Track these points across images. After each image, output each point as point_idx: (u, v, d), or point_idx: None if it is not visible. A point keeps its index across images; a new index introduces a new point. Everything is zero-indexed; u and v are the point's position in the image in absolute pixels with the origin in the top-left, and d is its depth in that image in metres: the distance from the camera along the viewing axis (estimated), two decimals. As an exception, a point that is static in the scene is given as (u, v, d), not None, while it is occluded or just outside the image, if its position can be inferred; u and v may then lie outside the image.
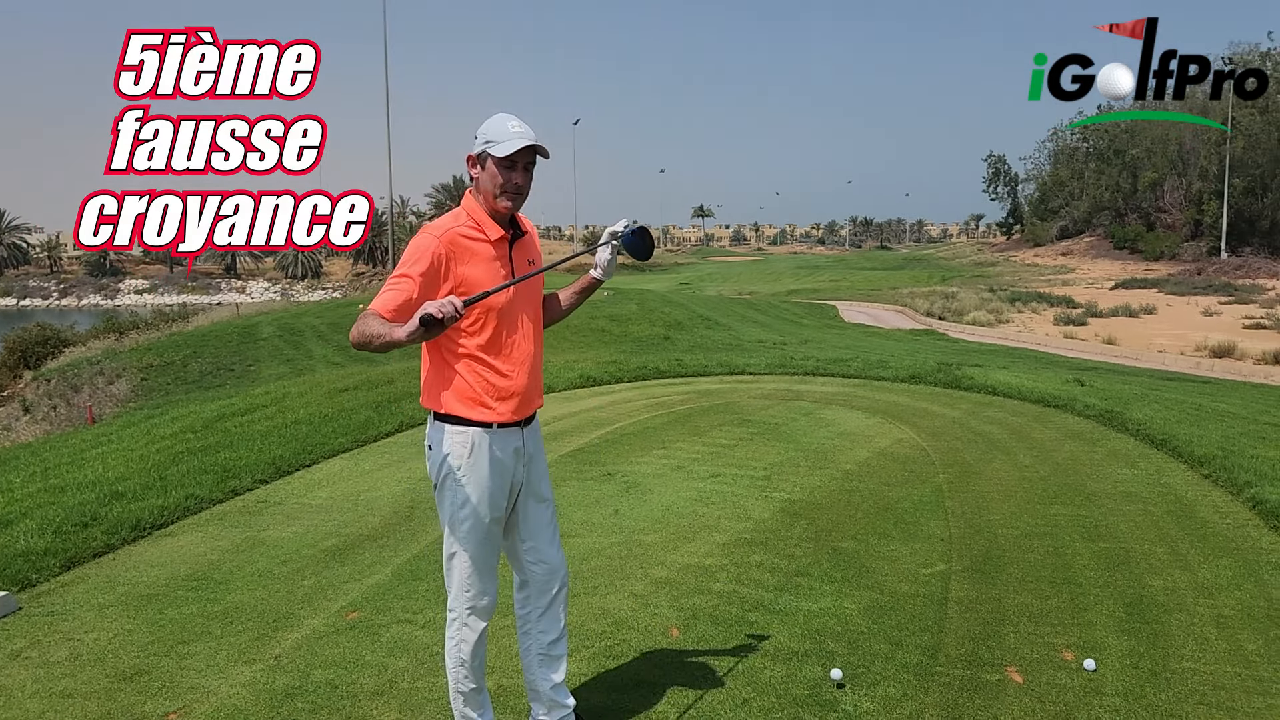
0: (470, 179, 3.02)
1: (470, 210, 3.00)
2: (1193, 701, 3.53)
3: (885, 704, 3.52)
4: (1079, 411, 9.09)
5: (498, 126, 2.91)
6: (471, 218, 2.98)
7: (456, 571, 3.07)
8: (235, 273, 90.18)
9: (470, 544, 3.03)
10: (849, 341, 21.47)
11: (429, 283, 2.85)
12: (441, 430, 3.01)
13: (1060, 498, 6.14)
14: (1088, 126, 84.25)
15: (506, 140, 2.88)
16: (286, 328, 26.33)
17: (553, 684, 3.24)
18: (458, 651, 3.10)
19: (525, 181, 2.96)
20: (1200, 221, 63.66)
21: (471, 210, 3.00)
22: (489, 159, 2.91)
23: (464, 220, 2.98)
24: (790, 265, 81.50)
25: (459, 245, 2.92)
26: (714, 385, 10.85)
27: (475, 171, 2.97)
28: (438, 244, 2.88)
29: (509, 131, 2.89)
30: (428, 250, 2.86)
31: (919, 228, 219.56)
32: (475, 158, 2.95)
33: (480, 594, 3.08)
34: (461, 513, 3.01)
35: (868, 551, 5.16)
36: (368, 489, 6.60)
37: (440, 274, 2.87)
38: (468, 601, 3.07)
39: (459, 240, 2.93)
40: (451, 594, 3.10)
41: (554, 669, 3.24)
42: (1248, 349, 21.99)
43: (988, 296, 39.66)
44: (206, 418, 9.78)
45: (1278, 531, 5.40)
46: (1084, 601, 4.47)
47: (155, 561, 5.26)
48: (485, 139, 2.91)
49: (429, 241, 2.89)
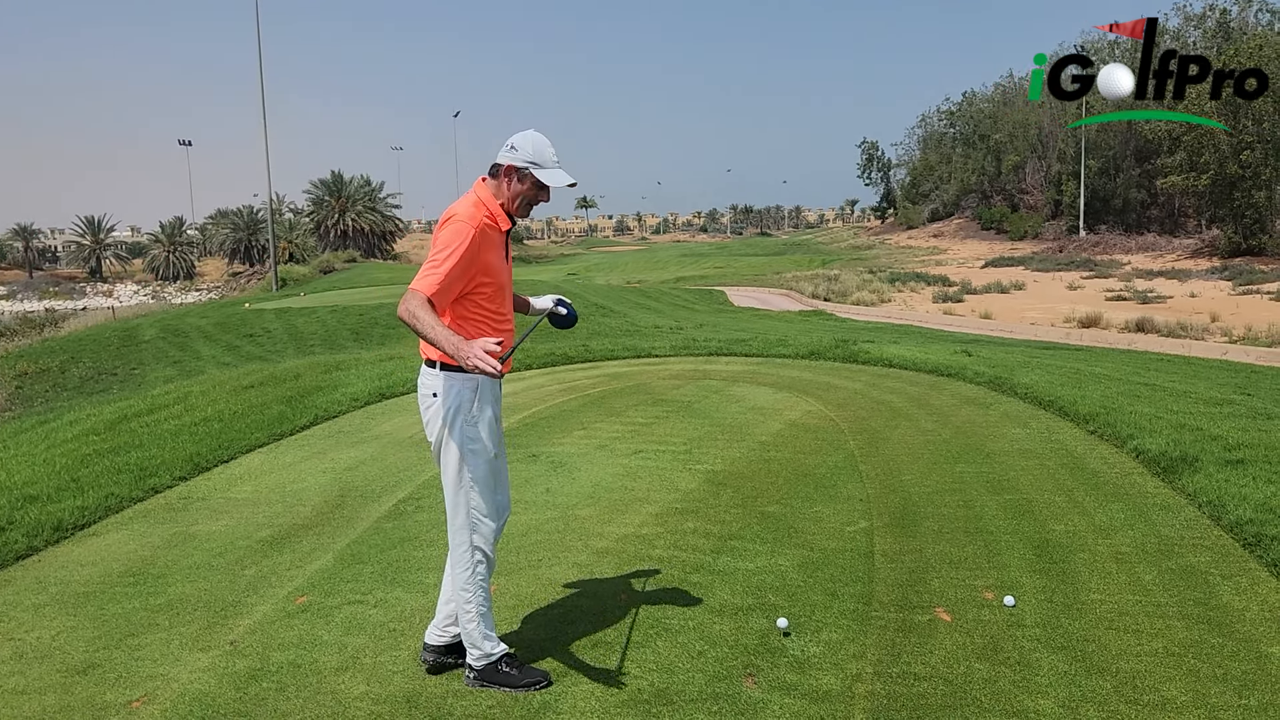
0: (493, 174, 3.41)
1: (488, 202, 3.40)
2: (1103, 627, 3.89)
3: (830, 647, 3.77)
4: (970, 379, 9.60)
5: (542, 150, 3.36)
6: (490, 210, 3.39)
7: (473, 502, 3.46)
8: (101, 276, 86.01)
9: (481, 473, 3.45)
10: (743, 324, 21.96)
11: (465, 266, 3.26)
12: (451, 379, 3.39)
13: (964, 457, 6.54)
14: (952, 114, 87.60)
15: (552, 169, 3.37)
16: (170, 329, 25.39)
17: None
18: (478, 576, 3.47)
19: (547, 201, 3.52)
20: (1060, 201, 66.95)
21: (489, 202, 3.40)
22: (530, 178, 3.37)
23: (484, 212, 3.37)
24: (675, 253, 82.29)
25: (485, 235, 3.33)
26: (623, 368, 11.04)
27: (507, 179, 3.39)
28: (475, 233, 3.27)
29: (551, 159, 3.37)
30: (467, 238, 3.25)
31: (797, 214, 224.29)
32: (516, 169, 3.36)
33: (494, 515, 3.53)
34: (474, 446, 3.43)
35: (793, 514, 5.43)
36: (293, 481, 6.56)
37: (474, 259, 3.29)
38: (486, 526, 3.49)
39: (486, 230, 3.34)
40: (466, 528, 3.47)
41: None
42: (1112, 319, 23.39)
43: (868, 278, 40.97)
44: (108, 419, 9.47)
45: (1160, 477, 5.90)
46: (996, 547, 4.82)
47: (84, 561, 5.16)
48: (530, 159, 3.35)
49: (467, 230, 3.26)
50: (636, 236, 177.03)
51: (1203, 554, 4.63)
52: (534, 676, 3.51)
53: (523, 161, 3.34)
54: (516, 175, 3.37)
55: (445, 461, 3.47)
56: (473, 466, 3.44)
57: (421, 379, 3.52)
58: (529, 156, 3.34)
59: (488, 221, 3.35)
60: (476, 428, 3.42)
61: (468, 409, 3.40)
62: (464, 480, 3.45)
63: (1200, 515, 5.17)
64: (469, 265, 3.27)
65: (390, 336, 23.26)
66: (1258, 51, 41.42)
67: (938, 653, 3.71)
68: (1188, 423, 7.07)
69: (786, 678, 3.53)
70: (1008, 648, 3.73)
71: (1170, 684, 3.42)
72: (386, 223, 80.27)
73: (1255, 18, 51.39)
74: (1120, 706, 3.27)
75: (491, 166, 3.45)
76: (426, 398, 3.46)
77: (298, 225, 76.89)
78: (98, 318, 32.50)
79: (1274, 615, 3.93)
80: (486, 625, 3.53)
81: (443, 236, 3.29)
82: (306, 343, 22.71)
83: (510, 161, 3.36)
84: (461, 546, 3.50)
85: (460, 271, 3.24)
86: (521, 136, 3.38)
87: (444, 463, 3.48)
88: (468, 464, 3.44)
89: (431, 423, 3.47)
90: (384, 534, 5.32)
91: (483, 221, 3.32)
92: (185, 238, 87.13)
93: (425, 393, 3.47)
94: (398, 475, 6.54)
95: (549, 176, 3.36)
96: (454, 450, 3.43)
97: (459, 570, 3.51)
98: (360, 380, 10.25)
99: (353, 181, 78.43)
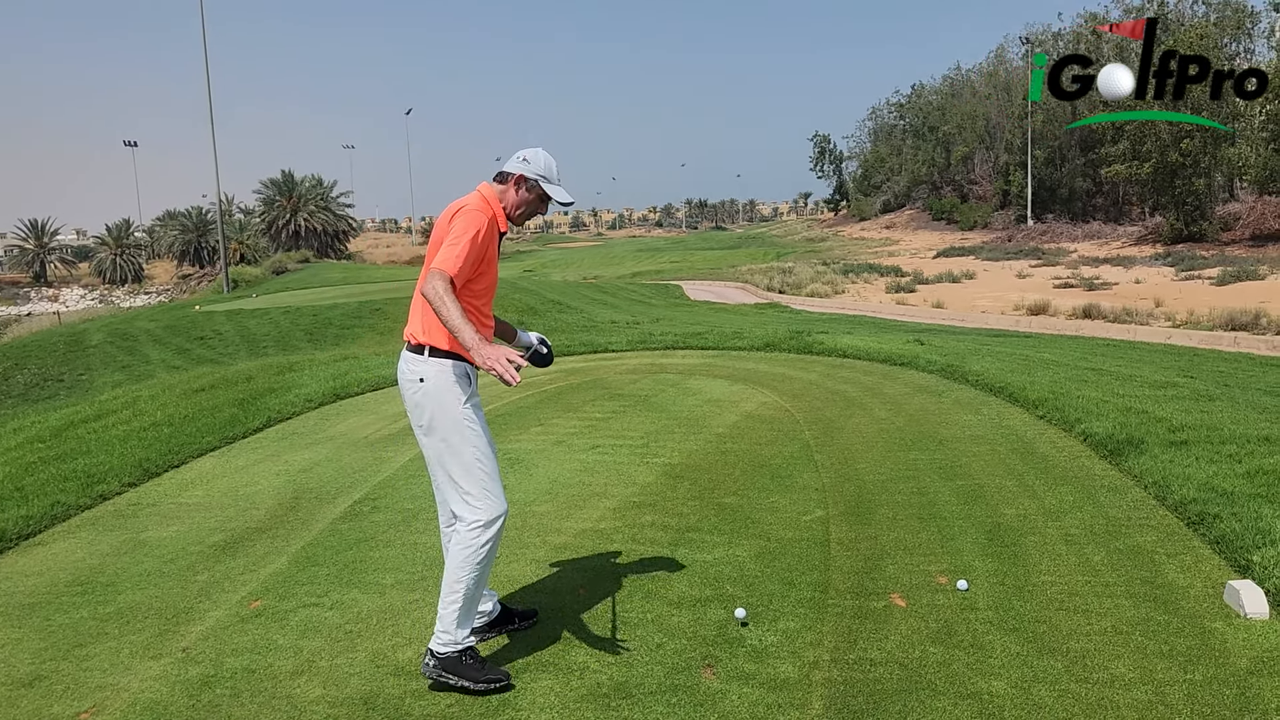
0: (500, 180, 3.62)
1: (493, 202, 3.60)
2: (1054, 608, 3.96)
3: (787, 636, 3.80)
4: (922, 368, 9.71)
5: (551, 167, 3.62)
6: (495, 210, 3.58)
7: (476, 479, 3.49)
8: (46, 280, 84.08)
9: (481, 447, 3.51)
10: (699, 318, 22.02)
11: (480, 252, 3.44)
12: (441, 364, 3.49)
13: (917, 444, 6.62)
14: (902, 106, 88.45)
15: (557, 186, 3.63)
16: (118, 333, 24.90)
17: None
18: (475, 558, 3.46)
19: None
20: (1008, 192, 67.76)
21: (494, 202, 3.60)
22: (538, 190, 3.61)
23: (490, 212, 3.55)
24: (631, 249, 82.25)
25: (493, 229, 3.54)
26: (579, 364, 11.02)
27: (515, 186, 3.60)
28: (490, 224, 3.50)
29: (556, 175, 3.64)
30: (482, 225, 3.44)
31: (751, 207, 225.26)
32: (525, 179, 3.59)
33: (499, 492, 3.55)
34: (472, 426, 3.51)
35: (750, 505, 5.46)
36: (246, 484, 6.47)
37: (486, 247, 3.48)
38: (493, 499, 3.50)
39: (494, 225, 3.54)
40: (474, 503, 3.48)
41: None
42: (1060, 306, 23.75)
43: (822, 270, 41.22)
44: (53, 426, 9.27)
45: (1107, 460, 6.01)
46: (949, 532, 4.89)
47: (29, 571, 5.05)
48: (540, 173, 3.59)
49: (484, 220, 3.47)
50: (592, 232, 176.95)
51: (1149, 534, 4.73)
52: (495, 676, 3.48)
53: (534, 174, 3.58)
54: (525, 185, 3.59)
55: (443, 444, 3.50)
56: (475, 443, 3.50)
57: (406, 364, 3.58)
58: (540, 170, 3.59)
59: (495, 219, 3.55)
60: (471, 408, 3.52)
61: (460, 392, 3.49)
62: (466, 457, 3.48)
63: (1146, 496, 5.28)
64: (482, 251, 3.45)
65: (345, 337, 23.04)
66: (1198, 42, 42.25)
67: (893, 638, 3.75)
68: (1133, 406, 7.22)
69: (745, 667, 3.56)
70: (961, 631, 3.78)
71: (1118, 661, 3.49)
72: (339, 222, 79.49)
73: (1192, 9, 52.40)
74: (1071, 685, 3.34)
75: (499, 173, 3.64)
76: (412, 383, 3.54)
77: (248, 226, 75.84)
78: (43, 323, 31.80)
79: (1216, 591, 4.03)
80: (469, 609, 3.51)
81: (458, 223, 3.44)
82: (259, 344, 22.40)
83: (522, 171, 3.58)
84: (475, 525, 3.46)
85: (477, 255, 3.41)
86: (533, 151, 3.61)
87: (440, 447, 3.51)
88: (470, 441, 3.49)
89: (420, 407, 3.52)
90: (340, 535, 5.27)
91: (494, 218, 3.54)
92: (133, 240, 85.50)
93: (411, 378, 3.54)
94: (353, 476, 6.48)
95: (555, 192, 3.61)
96: (452, 430, 3.48)
97: (461, 548, 3.46)
98: (314, 381, 10.13)
99: (304, 181, 77.55)
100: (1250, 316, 18.55)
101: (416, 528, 5.28)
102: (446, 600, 3.49)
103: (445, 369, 3.48)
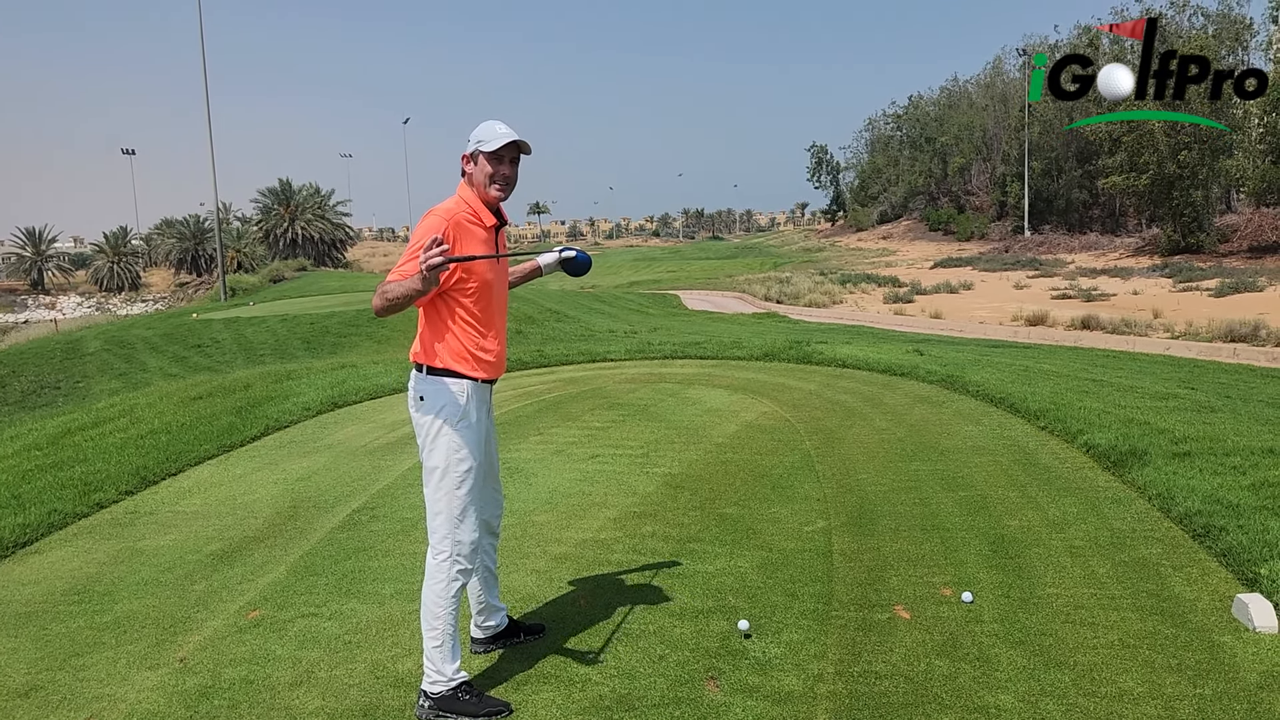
0: (463, 174, 3.46)
1: (468, 200, 3.42)
2: (1059, 620, 3.93)
3: (791, 648, 3.77)
4: (922, 378, 9.69)
5: (487, 129, 3.38)
6: (470, 206, 3.41)
7: (453, 513, 3.41)
8: (43, 288, 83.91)
9: (466, 483, 3.41)
10: (697, 327, 22.00)
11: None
12: (439, 383, 3.40)
13: (918, 455, 6.59)
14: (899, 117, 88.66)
15: (494, 140, 3.36)
16: (115, 341, 24.81)
17: (497, 595, 3.86)
18: (448, 591, 3.39)
19: (512, 173, 3.45)
20: (1005, 202, 67.93)
21: (469, 200, 3.42)
22: (481, 155, 3.38)
23: (464, 208, 3.40)
24: (629, 258, 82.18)
25: (462, 228, 3.34)
26: (578, 373, 10.99)
27: (469, 167, 3.43)
28: (446, 224, 3.28)
29: (497, 133, 3.36)
30: (437, 229, 3.22)
31: (748, 217, 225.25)
32: (469, 156, 3.42)
33: (473, 529, 3.45)
34: (459, 454, 3.40)
35: (751, 515, 5.43)
36: (243, 493, 6.43)
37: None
38: (466, 537, 3.42)
39: (462, 223, 3.35)
40: (444, 537, 3.41)
41: (496, 585, 3.87)
42: (1058, 317, 23.75)
43: (820, 280, 41.21)
44: (50, 434, 9.21)
45: (1110, 471, 5.98)
46: (953, 543, 4.86)
47: (25, 580, 5.00)
48: (477, 140, 3.38)
49: (438, 222, 3.28)
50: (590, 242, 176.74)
51: (1154, 546, 4.70)
52: (495, 707, 3.38)
53: (471, 147, 3.41)
54: (473, 161, 3.42)
55: (427, 468, 3.44)
56: (458, 477, 3.40)
57: (410, 383, 3.52)
58: (476, 137, 3.40)
59: (468, 217, 3.38)
60: (462, 435, 3.40)
61: (454, 414, 3.39)
62: (444, 488, 3.40)
63: (1150, 508, 5.26)
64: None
65: (342, 345, 22.98)
66: (1198, 52, 42.41)
67: (898, 650, 3.72)
68: (1135, 417, 7.20)
69: (748, 680, 3.52)
70: (967, 644, 3.75)
71: (1126, 675, 3.45)
72: (337, 230, 79.44)
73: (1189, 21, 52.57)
74: (1079, 699, 3.30)
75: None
76: (414, 401, 3.47)
77: (246, 234, 75.76)
78: (40, 330, 31.74)
79: (1224, 605, 3.99)
80: (452, 646, 3.41)
81: (416, 231, 3.34)
82: (256, 353, 22.35)
83: (465, 152, 3.45)
84: (440, 556, 3.41)
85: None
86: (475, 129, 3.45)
87: (426, 469, 3.45)
88: (453, 475, 3.40)
89: (419, 425, 3.46)
90: (338, 545, 5.22)
91: (460, 216, 3.35)
92: (130, 248, 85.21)
93: (413, 396, 3.48)
94: (352, 485, 6.44)
95: (490, 145, 3.37)
96: (438, 457, 3.40)
97: (433, 583, 3.40)
98: (312, 389, 10.09)
99: (302, 190, 77.52)
100: (1249, 328, 18.55)
101: (416, 537, 5.24)
102: (429, 639, 3.40)
103: (443, 387, 3.39)
